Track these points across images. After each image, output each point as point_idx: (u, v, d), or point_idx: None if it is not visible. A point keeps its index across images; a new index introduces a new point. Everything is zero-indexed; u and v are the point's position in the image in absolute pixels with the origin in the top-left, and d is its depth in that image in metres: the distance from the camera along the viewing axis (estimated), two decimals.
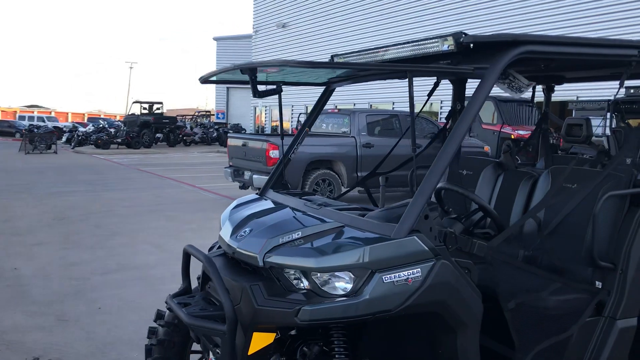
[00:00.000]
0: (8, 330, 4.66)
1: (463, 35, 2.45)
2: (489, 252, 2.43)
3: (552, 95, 4.25)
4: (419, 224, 2.28)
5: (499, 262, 2.53)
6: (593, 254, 2.70)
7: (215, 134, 33.52)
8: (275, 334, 2.41)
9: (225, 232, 2.77)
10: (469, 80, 3.42)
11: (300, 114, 23.94)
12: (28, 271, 6.41)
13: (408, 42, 2.71)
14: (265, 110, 32.44)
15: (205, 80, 2.93)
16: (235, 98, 41.35)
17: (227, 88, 40.61)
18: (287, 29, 31.28)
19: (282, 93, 2.97)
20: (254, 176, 10.37)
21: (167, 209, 10.82)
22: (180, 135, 31.97)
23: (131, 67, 67.40)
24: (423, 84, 3.51)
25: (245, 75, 2.57)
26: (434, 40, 2.56)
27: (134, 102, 32.02)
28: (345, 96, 24.80)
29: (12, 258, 6.95)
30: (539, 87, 4.20)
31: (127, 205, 11.10)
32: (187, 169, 18.72)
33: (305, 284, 2.30)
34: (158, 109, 31.58)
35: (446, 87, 3.77)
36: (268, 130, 31.27)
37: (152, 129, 29.86)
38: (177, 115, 37.53)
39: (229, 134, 11.92)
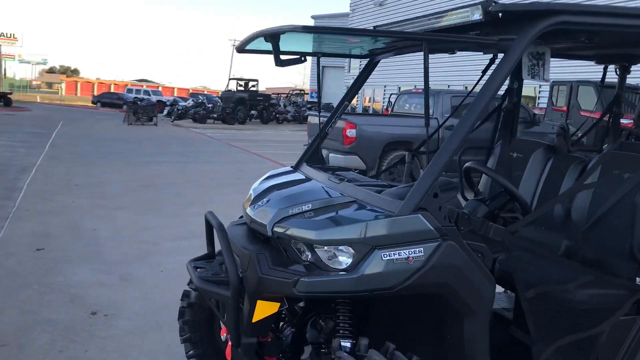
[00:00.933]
0: (75, 285, 4.98)
1: (493, 4, 2.27)
2: (507, 237, 2.26)
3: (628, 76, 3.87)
4: (427, 202, 2.15)
5: (519, 248, 2.35)
6: (635, 248, 2.45)
7: (307, 113, 33.87)
8: (279, 304, 2.39)
9: (247, 202, 2.78)
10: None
11: (392, 94, 23.64)
12: (105, 232, 6.82)
13: (441, 13, 2.55)
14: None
15: (240, 49, 2.92)
16: (328, 77, 41.44)
17: (323, 67, 40.77)
18: (385, 7, 30.80)
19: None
20: (330, 155, 10.36)
21: (245, 183, 11.06)
22: (274, 113, 32.58)
23: (233, 45, 69.22)
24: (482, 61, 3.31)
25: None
26: (464, 10, 2.39)
27: (230, 79, 33.01)
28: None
29: (94, 220, 7.41)
30: (611, 67, 3.84)
31: (210, 178, 11.49)
32: (274, 146, 19.06)
33: (310, 256, 2.26)
34: (253, 86, 32.34)
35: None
36: (359, 110, 31.15)
37: (246, 106, 30.64)
38: (272, 93, 38.24)
39: (308, 112, 11.94)
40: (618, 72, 3.86)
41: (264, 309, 2.33)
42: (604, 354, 2.47)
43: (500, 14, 2.23)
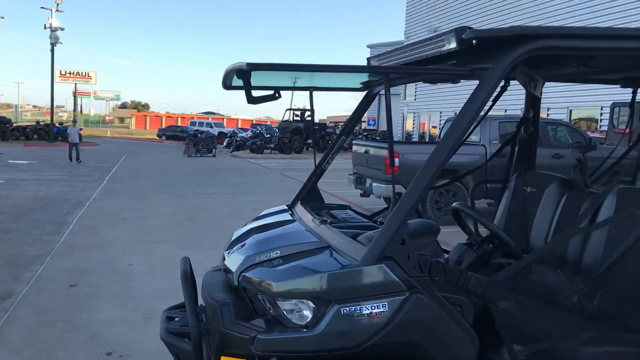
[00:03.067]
0: (98, 323, 4.99)
1: (467, 30, 2.08)
2: (490, 289, 2.01)
3: None
4: (393, 251, 1.95)
5: (502, 300, 2.10)
6: None
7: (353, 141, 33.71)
8: None
9: (226, 245, 2.66)
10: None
11: (448, 119, 23.14)
12: (140, 267, 6.87)
13: (421, 42, 2.38)
14: (414, 117, 31.92)
15: (224, 87, 2.84)
16: (384, 105, 41.20)
17: (380, 95, 40.62)
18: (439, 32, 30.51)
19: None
20: (374, 184, 10.18)
21: None
22: (330, 141, 32.62)
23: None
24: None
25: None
26: (440, 39, 2.21)
27: (287, 110, 33.46)
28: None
29: (134, 254, 7.50)
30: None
31: (256, 209, 11.43)
32: (327, 175, 18.96)
33: (272, 309, 2.10)
34: (309, 116, 32.57)
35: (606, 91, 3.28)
36: (415, 137, 30.72)
37: (302, 135, 30.89)
38: (329, 122, 38.42)
39: (354, 141, 11.82)
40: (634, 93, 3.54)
41: None
42: None
43: (474, 41, 2.04)
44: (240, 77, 2.40)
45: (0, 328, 4.83)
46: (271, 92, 2.52)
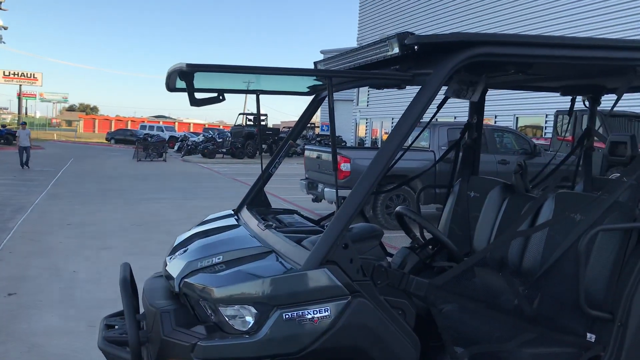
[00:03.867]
0: (38, 333, 4.81)
1: (409, 36, 2.11)
2: (431, 292, 2.03)
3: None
4: (335, 255, 1.95)
5: (444, 303, 2.13)
6: (581, 300, 2.20)
7: (304, 146, 33.80)
8: None
9: (168, 250, 2.61)
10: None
11: None
12: (84, 275, 6.67)
13: (365, 46, 2.40)
14: (366, 123, 32.24)
15: (168, 89, 2.79)
16: (337, 111, 41.48)
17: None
18: None
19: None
20: (326, 189, 10.20)
21: None
22: None
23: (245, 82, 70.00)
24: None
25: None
26: (384, 44, 2.24)
27: (239, 114, 33.24)
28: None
29: (78, 261, 7.27)
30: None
31: (206, 214, 11.30)
32: (279, 180, 18.87)
33: (214, 315, 2.06)
34: (263, 120, 32.50)
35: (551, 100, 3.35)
36: (368, 143, 31.03)
37: (255, 140, 30.73)
38: (282, 127, 38.37)
39: (306, 146, 11.83)
40: (587, 104, 3.67)
41: None
42: None
43: (415, 47, 2.07)
44: (182, 78, 2.37)
45: None
46: (215, 94, 2.48)
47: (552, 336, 2.24)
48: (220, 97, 2.51)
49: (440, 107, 3.26)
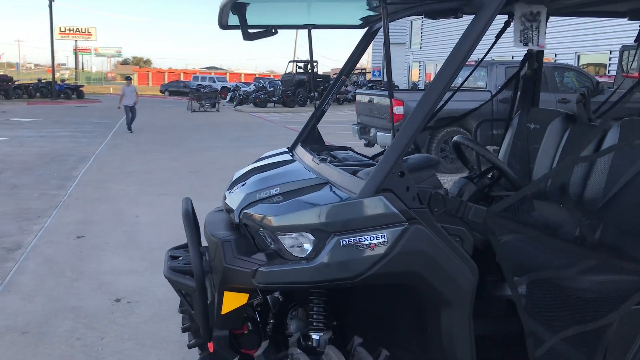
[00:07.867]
0: (106, 272, 5.06)
1: None
2: (490, 219, 2.00)
3: None
4: (391, 183, 1.93)
5: (504, 231, 2.08)
6: None
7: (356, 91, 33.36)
8: (248, 295, 2.25)
9: (227, 185, 2.66)
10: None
11: None
12: (147, 219, 6.92)
13: None
14: (419, 66, 31.50)
15: (221, 26, 2.77)
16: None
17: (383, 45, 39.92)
18: None
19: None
20: (378, 133, 10.12)
21: None
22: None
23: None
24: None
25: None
26: None
27: (289, 62, 33.05)
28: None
29: (139, 206, 7.55)
30: None
31: None
32: (330, 127, 18.83)
33: (273, 243, 2.10)
34: (313, 67, 32.22)
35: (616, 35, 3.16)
36: (422, 87, 30.43)
37: (306, 88, 30.60)
38: (332, 74, 37.97)
39: (357, 91, 11.69)
40: None
41: (232, 301, 2.20)
42: (614, 348, 2.18)
43: None
44: (235, 12, 2.35)
45: (11, 277, 4.91)
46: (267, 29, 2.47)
47: (615, 263, 2.19)
48: (273, 30, 2.49)
49: (498, 37, 3.12)
